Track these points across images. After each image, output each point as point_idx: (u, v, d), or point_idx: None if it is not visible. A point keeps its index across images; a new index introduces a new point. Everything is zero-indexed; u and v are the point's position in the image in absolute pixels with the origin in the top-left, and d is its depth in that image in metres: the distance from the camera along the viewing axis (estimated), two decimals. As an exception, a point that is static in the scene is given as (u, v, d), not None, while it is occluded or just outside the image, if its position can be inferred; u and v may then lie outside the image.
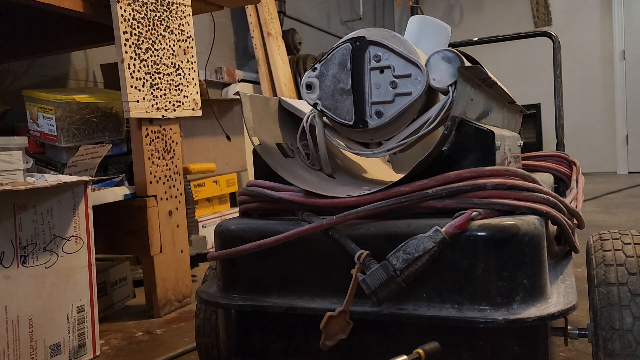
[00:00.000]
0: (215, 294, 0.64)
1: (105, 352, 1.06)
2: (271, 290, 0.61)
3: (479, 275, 0.51)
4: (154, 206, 1.24)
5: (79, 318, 0.98)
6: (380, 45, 0.62)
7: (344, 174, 0.72)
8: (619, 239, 0.66)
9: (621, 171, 4.56)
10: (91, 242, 1.01)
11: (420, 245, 0.51)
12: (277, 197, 0.62)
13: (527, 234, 0.51)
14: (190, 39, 1.35)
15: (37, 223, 0.91)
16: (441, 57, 0.60)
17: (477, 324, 0.49)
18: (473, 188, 0.54)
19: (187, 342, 1.07)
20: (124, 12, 1.16)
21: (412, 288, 0.52)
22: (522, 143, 0.82)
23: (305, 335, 0.59)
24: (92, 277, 1.01)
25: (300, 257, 0.60)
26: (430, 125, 0.61)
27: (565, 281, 0.60)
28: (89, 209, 1.01)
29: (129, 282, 1.39)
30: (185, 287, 1.34)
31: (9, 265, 0.87)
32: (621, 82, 4.52)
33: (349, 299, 0.54)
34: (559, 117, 1.12)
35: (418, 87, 0.61)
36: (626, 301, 0.58)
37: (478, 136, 0.57)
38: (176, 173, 1.32)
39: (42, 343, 0.92)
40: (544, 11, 4.74)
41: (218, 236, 0.64)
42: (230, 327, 0.64)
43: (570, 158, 1.02)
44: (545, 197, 0.56)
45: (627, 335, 0.56)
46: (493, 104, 0.74)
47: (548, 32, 1.16)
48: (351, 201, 0.57)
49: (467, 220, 0.51)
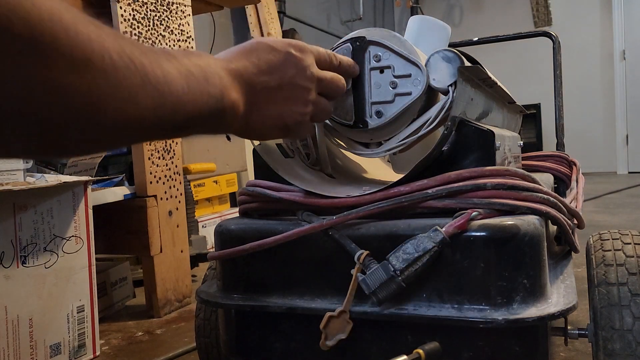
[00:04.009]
0: (215, 294, 0.64)
1: (105, 352, 1.06)
2: (271, 290, 0.61)
3: (479, 275, 0.51)
4: (154, 206, 1.24)
5: (79, 318, 0.98)
6: (380, 45, 0.62)
7: (344, 174, 0.72)
8: (619, 239, 0.66)
9: (621, 171, 4.56)
10: (91, 242, 1.01)
11: (420, 245, 0.51)
12: (277, 197, 0.62)
13: (527, 234, 0.51)
14: (190, 39, 1.35)
15: (37, 223, 0.91)
16: (441, 57, 0.60)
17: (477, 324, 0.49)
18: (473, 188, 0.54)
19: (187, 342, 1.07)
20: (124, 12, 1.16)
21: (412, 288, 0.52)
22: (522, 143, 0.82)
23: (305, 335, 0.59)
24: (92, 277, 1.01)
25: (300, 257, 0.60)
26: (430, 125, 0.61)
27: (565, 281, 0.60)
28: (89, 209, 1.01)
29: (129, 282, 1.39)
30: (185, 287, 1.34)
31: (9, 265, 0.87)
32: (621, 82, 4.53)
33: (349, 299, 0.54)
34: (559, 117, 1.12)
35: (418, 87, 0.61)
36: (626, 301, 0.58)
37: (478, 136, 0.57)
38: (176, 173, 1.32)
39: (42, 343, 0.92)
40: (544, 11, 4.75)
41: (218, 236, 0.64)
42: (230, 327, 0.64)
43: (570, 158, 1.02)
44: (545, 197, 0.56)
45: (627, 335, 0.56)
46: (493, 104, 0.74)
47: (548, 32, 1.16)
48: (351, 201, 0.57)
49: (467, 220, 0.51)
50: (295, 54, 0.52)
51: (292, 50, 0.51)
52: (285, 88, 0.51)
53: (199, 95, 0.41)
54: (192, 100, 0.40)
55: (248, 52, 0.50)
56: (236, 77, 0.47)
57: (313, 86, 0.53)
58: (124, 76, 0.33)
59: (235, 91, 0.46)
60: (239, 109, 0.47)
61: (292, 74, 0.51)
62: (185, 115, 0.40)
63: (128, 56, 0.34)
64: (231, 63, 0.47)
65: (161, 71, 0.37)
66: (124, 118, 0.35)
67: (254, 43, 0.51)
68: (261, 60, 0.50)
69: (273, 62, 0.50)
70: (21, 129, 0.30)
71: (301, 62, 0.52)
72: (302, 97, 0.53)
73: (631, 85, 4.48)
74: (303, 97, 0.53)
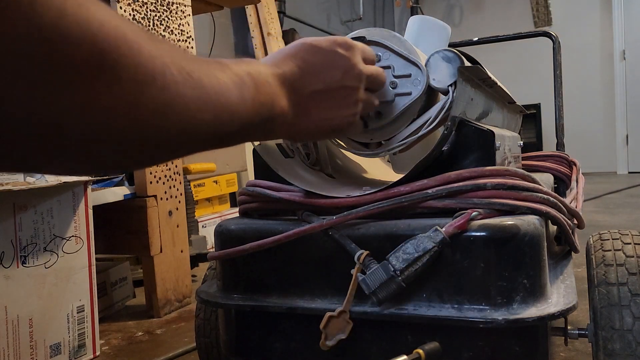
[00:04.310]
0: (215, 294, 0.64)
1: (105, 352, 1.06)
2: (271, 290, 0.61)
3: (479, 275, 0.51)
4: (154, 206, 1.24)
5: (79, 318, 0.98)
6: (380, 45, 0.62)
7: (344, 174, 0.72)
8: (619, 239, 0.66)
9: (621, 171, 4.56)
10: (91, 242, 1.01)
11: (420, 245, 0.51)
12: (277, 197, 0.62)
13: (527, 234, 0.51)
14: (190, 39, 1.35)
15: (37, 223, 0.91)
16: (441, 57, 0.60)
17: (477, 324, 0.49)
18: (473, 188, 0.53)
19: (187, 342, 1.07)
20: (124, 12, 1.16)
21: (412, 288, 0.52)
22: (522, 143, 0.82)
23: (305, 335, 0.59)
24: (92, 277, 1.01)
25: (300, 257, 0.60)
26: (430, 125, 0.61)
27: (565, 281, 0.60)
28: (89, 209, 1.01)
29: (129, 282, 1.39)
30: (185, 287, 1.34)
31: (9, 265, 0.87)
32: (621, 82, 4.53)
33: (349, 299, 0.54)
34: (559, 117, 1.12)
35: (418, 87, 0.61)
36: (626, 301, 0.58)
37: (478, 136, 0.57)
38: (176, 173, 1.32)
39: (42, 343, 0.92)
40: (544, 11, 4.75)
41: (218, 236, 0.64)
42: (230, 327, 0.64)
43: (570, 158, 1.02)
44: (545, 197, 0.56)
45: (627, 335, 0.56)
46: (493, 104, 0.74)
47: (548, 32, 1.16)
48: (351, 201, 0.57)
49: (467, 220, 0.51)
50: (342, 53, 0.50)
51: (338, 49, 0.50)
52: (333, 91, 0.50)
53: (251, 103, 0.41)
54: (246, 109, 0.40)
55: (293, 55, 0.48)
56: (284, 82, 0.46)
57: (361, 85, 0.52)
58: (183, 91, 0.33)
59: (283, 98, 0.46)
60: (288, 115, 0.47)
61: (339, 76, 0.50)
62: (240, 123, 0.40)
63: (186, 71, 0.33)
64: (278, 68, 0.47)
65: (217, 82, 0.37)
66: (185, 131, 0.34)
67: (299, 44, 0.49)
68: (307, 63, 0.48)
69: (319, 64, 0.49)
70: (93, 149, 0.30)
71: (349, 62, 0.50)
72: (351, 98, 0.52)
73: (631, 85, 4.48)
74: (352, 97, 0.52)
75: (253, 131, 0.43)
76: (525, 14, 4.84)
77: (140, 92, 0.30)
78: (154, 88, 0.31)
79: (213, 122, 0.37)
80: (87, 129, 0.28)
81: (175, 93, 0.32)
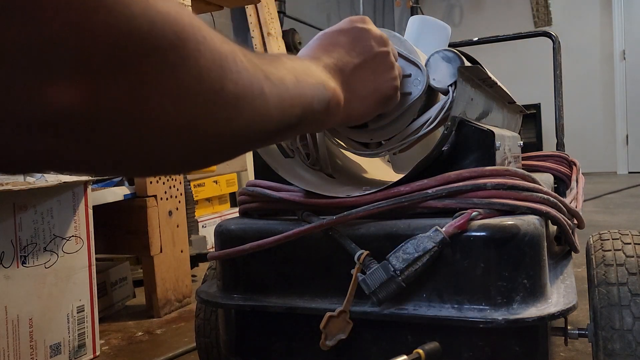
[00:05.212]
0: (215, 294, 0.64)
1: (105, 352, 1.06)
2: (271, 290, 0.61)
3: (479, 275, 0.51)
4: (154, 206, 1.24)
5: (79, 318, 0.98)
6: (380, 45, 0.62)
7: (344, 174, 0.72)
8: (619, 239, 0.66)
9: (621, 171, 4.56)
10: (91, 242, 1.01)
11: (420, 245, 0.51)
12: (277, 197, 0.62)
13: (527, 234, 0.51)
14: (190, 39, 1.35)
15: (37, 223, 0.91)
16: (441, 57, 0.60)
17: (477, 324, 0.49)
18: (473, 188, 0.53)
19: (187, 342, 1.07)
20: (124, 12, 1.16)
21: (412, 288, 0.52)
22: (522, 143, 0.82)
23: (305, 335, 0.59)
24: (92, 277, 1.01)
25: (300, 257, 0.60)
26: (430, 125, 0.61)
27: (565, 281, 0.60)
28: (89, 209, 1.01)
29: (129, 282, 1.39)
30: (185, 287, 1.34)
31: (9, 265, 0.87)
32: (621, 82, 4.53)
33: (349, 299, 0.54)
34: (559, 117, 1.12)
35: (418, 87, 0.61)
36: (626, 301, 0.58)
37: (478, 136, 0.57)
38: (176, 173, 1.31)
39: (42, 343, 0.92)
40: (544, 11, 4.75)
41: (218, 236, 0.64)
42: (230, 327, 0.64)
43: (570, 158, 1.02)
44: (545, 197, 0.56)
45: (627, 335, 0.56)
46: (493, 104, 0.74)
47: (548, 32, 1.16)
48: (351, 201, 0.57)
49: (467, 220, 0.51)
50: (361, 26, 0.53)
51: (357, 24, 0.53)
52: (369, 60, 0.52)
53: (308, 91, 0.41)
54: (304, 97, 0.41)
55: (321, 45, 0.51)
56: (326, 67, 0.48)
57: (389, 48, 0.54)
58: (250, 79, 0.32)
59: (332, 81, 0.47)
60: (340, 96, 0.48)
61: (369, 45, 0.52)
62: (300, 111, 0.40)
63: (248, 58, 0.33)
64: (315, 58, 0.49)
65: (277, 72, 0.37)
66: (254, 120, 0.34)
67: (321, 36, 0.52)
68: (338, 46, 0.51)
69: (348, 42, 0.51)
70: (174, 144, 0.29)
71: (371, 32, 0.53)
72: (387, 61, 0.54)
73: (631, 85, 4.48)
74: (388, 60, 0.54)
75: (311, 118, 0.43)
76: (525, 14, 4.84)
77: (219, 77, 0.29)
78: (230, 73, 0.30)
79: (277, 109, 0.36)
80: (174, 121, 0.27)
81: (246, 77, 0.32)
